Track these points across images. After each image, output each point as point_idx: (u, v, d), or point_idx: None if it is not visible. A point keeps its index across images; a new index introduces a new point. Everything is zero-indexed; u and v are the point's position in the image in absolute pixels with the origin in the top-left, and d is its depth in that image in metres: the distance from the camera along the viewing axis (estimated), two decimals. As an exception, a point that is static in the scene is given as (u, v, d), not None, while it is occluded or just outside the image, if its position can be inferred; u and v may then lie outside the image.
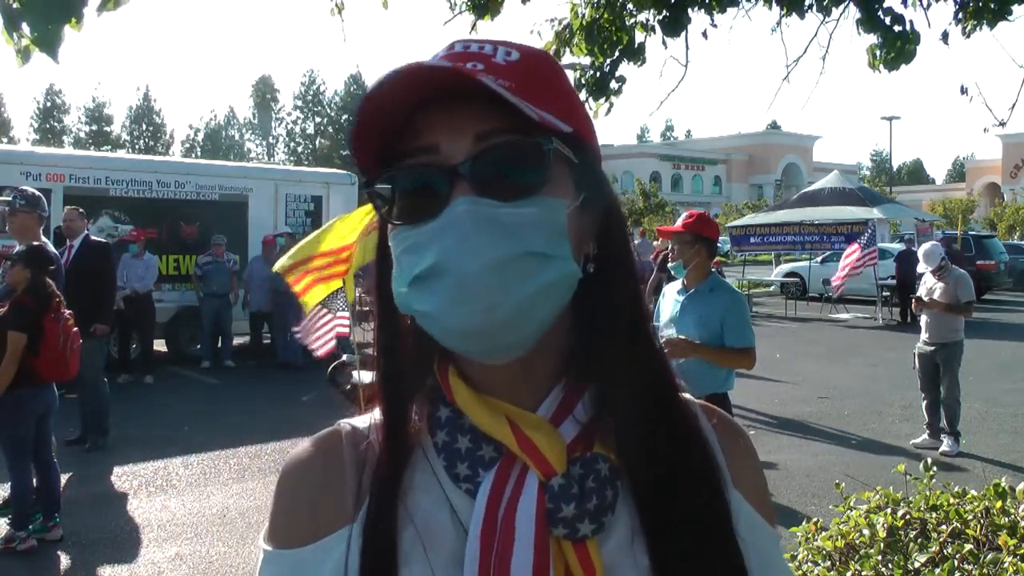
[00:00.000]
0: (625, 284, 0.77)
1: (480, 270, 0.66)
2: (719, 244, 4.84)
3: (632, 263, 0.78)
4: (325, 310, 6.38)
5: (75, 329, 5.25)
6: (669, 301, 4.57)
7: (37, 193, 5.75)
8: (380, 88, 0.67)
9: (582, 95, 3.81)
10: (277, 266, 6.47)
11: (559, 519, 0.70)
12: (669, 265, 4.64)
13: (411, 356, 0.77)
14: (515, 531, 0.70)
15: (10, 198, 5.60)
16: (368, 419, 0.81)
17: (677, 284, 4.54)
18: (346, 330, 6.99)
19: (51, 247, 5.70)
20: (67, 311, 5.22)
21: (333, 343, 6.35)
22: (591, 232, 0.75)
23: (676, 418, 0.78)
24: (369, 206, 5.52)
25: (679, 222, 4.65)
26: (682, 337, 4.23)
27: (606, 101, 3.88)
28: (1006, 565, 2.35)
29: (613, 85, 3.84)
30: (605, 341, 0.75)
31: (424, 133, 0.70)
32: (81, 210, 7.67)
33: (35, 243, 5.40)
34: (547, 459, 0.71)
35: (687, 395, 0.82)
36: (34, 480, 5.19)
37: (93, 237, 7.60)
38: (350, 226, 6.32)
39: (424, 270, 0.68)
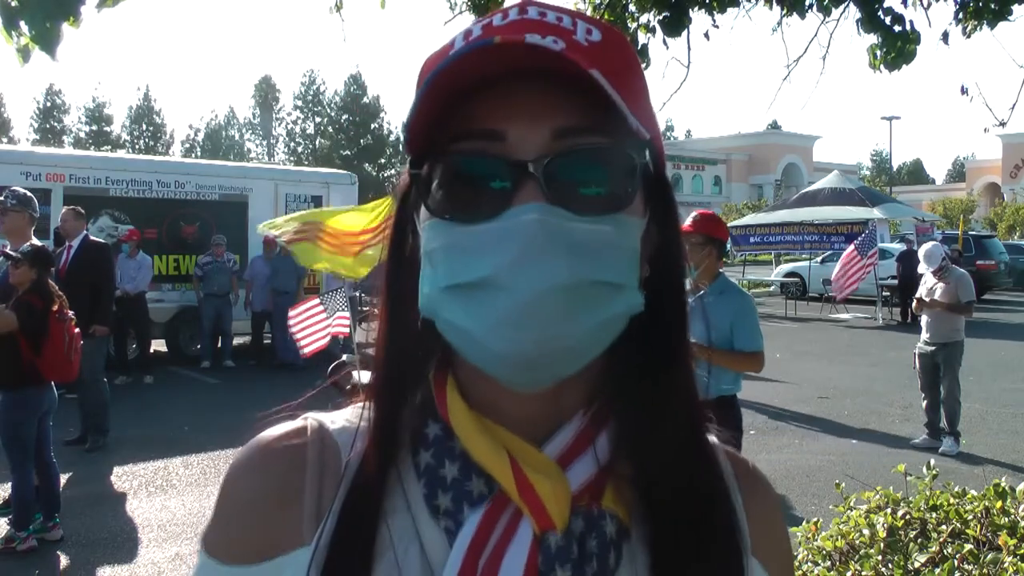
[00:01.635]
0: (675, 313, 0.67)
1: (544, 294, 0.56)
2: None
3: (684, 288, 0.68)
4: (321, 308, 6.35)
5: (77, 330, 5.26)
6: None
7: (28, 193, 5.74)
8: (459, 60, 0.56)
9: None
10: (265, 224, 6.32)
11: None
12: None
13: (412, 361, 0.67)
14: None
15: (2, 198, 5.59)
16: (339, 420, 0.70)
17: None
18: (346, 330, 6.99)
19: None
20: (70, 312, 5.22)
21: (323, 343, 6.32)
22: (647, 251, 0.65)
23: (704, 472, 0.68)
24: (380, 201, 5.39)
25: (687, 222, 4.52)
26: (693, 341, 4.18)
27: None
28: (1006, 565, 2.35)
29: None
30: (641, 373, 0.65)
31: (487, 115, 0.59)
32: (79, 209, 7.57)
33: (37, 243, 5.40)
34: (547, 511, 0.60)
35: (713, 438, 0.73)
36: (34, 480, 5.19)
37: (92, 237, 7.55)
38: (364, 216, 6.25)
39: (472, 280, 0.58)
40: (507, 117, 0.58)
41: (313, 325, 6.41)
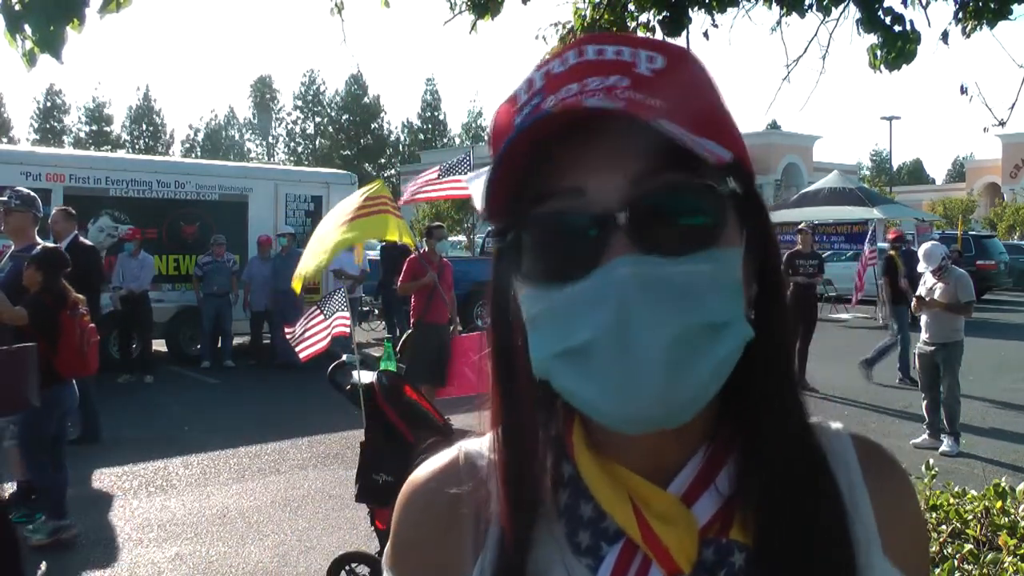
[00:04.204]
0: (780, 336, 0.65)
1: (651, 352, 0.54)
2: None
3: (786, 303, 0.67)
4: (318, 311, 6.34)
5: (92, 325, 5.27)
6: None
7: (32, 193, 5.75)
8: (531, 127, 0.56)
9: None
10: (295, 282, 6.37)
11: None
12: None
13: (533, 406, 0.67)
14: None
15: (5, 198, 5.59)
16: (483, 449, 0.72)
17: None
18: (346, 330, 6.98)
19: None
20: (83, 308, 5.25)
21: (322, 346, 6.30)
22: (751, 270, 0.63)
23: (826, 493, 0.66)
24: (364, 188, 5.26)
25: None
26: None
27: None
28: (1006, 565, 2.36)
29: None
30: (759, 401, 0.64)
31: (566, 172, 0.58)
32: (70, 210, 7.43)
33: (49, 245, 5.44)
34: (672, 556, 0.61)
35: (836, 426, 0.72)
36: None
37: (82, 239, 7.46)
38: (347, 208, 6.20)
39: (576, 345, 0.57)
40: (583, 171, 0.58)
41: (310, 331, 6.40)
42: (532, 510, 0.66)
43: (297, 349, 6.36)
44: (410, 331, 8.01)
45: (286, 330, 6.36)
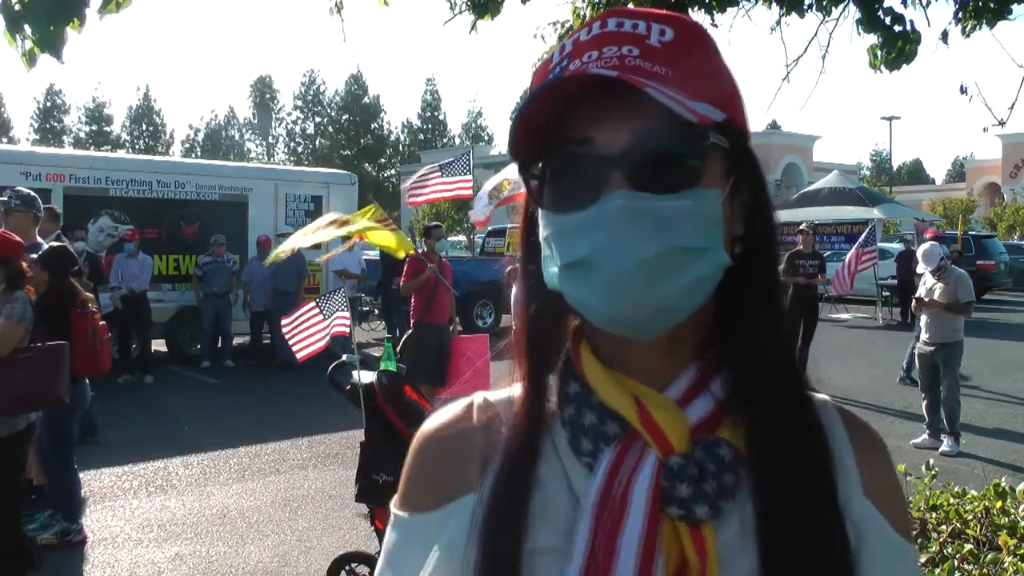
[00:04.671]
0: (769, 266, 0.77)
1: (633, 267, 0.67)
2: None
3: (776, 244, 0.78)
4: (317, 310, 6.32)
5: (102, 323, 5.27)
6: None
7: (32, 193, 5.75)
8: (544, 93, 0.69)
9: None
10: (272, 257, 6.37)
11: (674, 498, 0.70)
12: None
13: (552, 330, 0.80)
14: (628, 506, 0.70)
15: (5, 198, 5.59)
16: (501, 393, 0.83)
17: None
18: (346, 330, 6.98)
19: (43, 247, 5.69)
20: (93, 307, 5.25)
21: (320, 346, 6.28)
22: (740, 213, 0.75)
23: (807, 414, 0.77)
24: (364, 210, 5.48)
25: None
26: None
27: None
28: (1006, 565, 2.36)
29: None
30: (747, 323, 0.75)
31: (578, 125, 0.71)
32: (55, 210, 7.35)
33: (54, 244, 5.44)
34: (667, 437, 0.71)
35: (821, 397, 0.81)
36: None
37: (63, 241, 7.39)
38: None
39: (576, 260, 0.70)
40: (593, 125, 0.70)
41: (308, 329, 6.38)
42: (542, 418, 0.77)
43: (294, 348, 6.35)
44: (410, 331, 8.01)
45: (283, 322, 6.34)
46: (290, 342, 6.33)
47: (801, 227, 11.51)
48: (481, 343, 8.39)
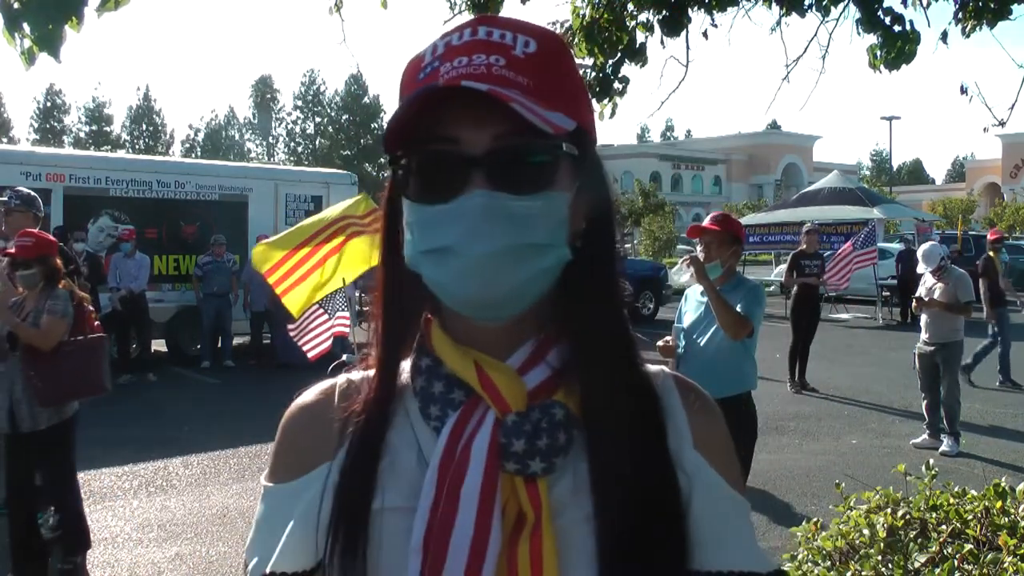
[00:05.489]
0: (605, 260, 0.84)
1: (486, 257, 0.74)
2: None
3: (613, 241, 0.85)
4: (321, 310, 6.35)
5: (97, 323, 5.26)
6: (692, 303, 4.57)
7: (32, 193, 5.74)
8: (421, 97, 0.74)
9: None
10: (254, 257, 6.49)
11: (511, 453, 0.76)
12: (707, 266, 4.36)
13: (406, 311, 0.86)
14: (469, 463, 0.76)
15: (5, 198, 5.59)
16: (362, 373, 0.89)
17: (698, 287, 4.47)
18: (346, 330, 6.99)
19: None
20: (89, 306, 5.23)
21: (327, 345, 6.31)
22: (582, 211, 0.82)
23: (636, 379, 0.84)
24: (350, 201, 5.70)
25: (707, 221, 4.59)
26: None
27: (609, 102, 3.87)
28: (1006, 565, 2.35)
29: (617, 86, 3.83)
30: (582, 305, 0.82)
31: (448, 124, 0.76)
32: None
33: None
34: (504, 398, 0.78)
35: (657, 368, 0.89)
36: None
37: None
38: (331, 217, 6.31)
39: (437, 247, 0.76)
40: (461, 125, 0.76)
41: (315, 329, 6.41)
42: (393, 390, 0.84)
43: (304, 348, 6.39)
44: None
45: (290, 327, 6.38)
46: (299, 342, 6.36)
47: (806, 227, 11.47)
48: None
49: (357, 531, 0.79)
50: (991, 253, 10.51)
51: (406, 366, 0.86)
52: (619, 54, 3.77)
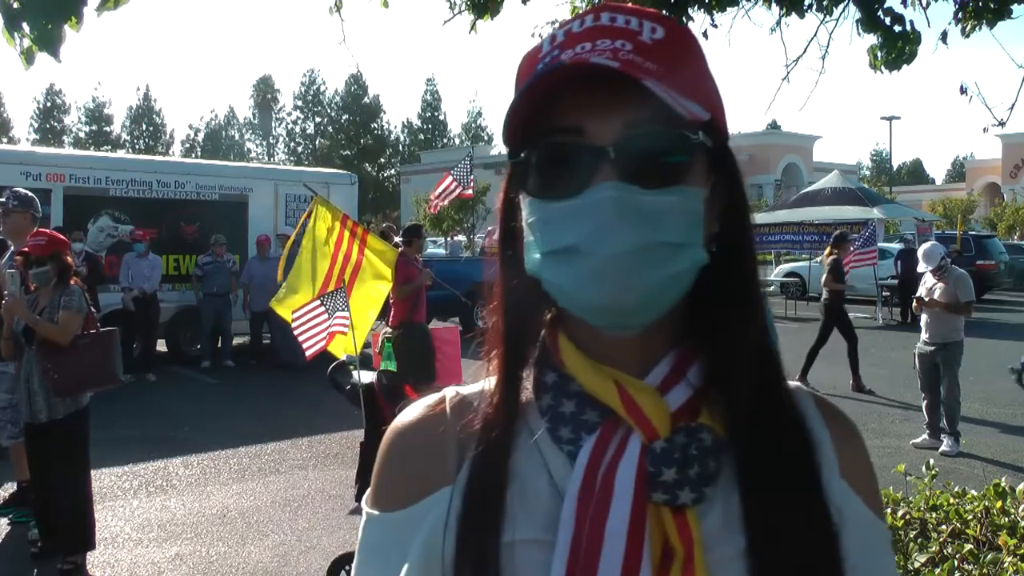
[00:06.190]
0: (744, 264, 0.77)
1: (616, 257, 0.67)
2: None
3: (752, 243, 0.79)
4: (322, 308, 6.34)
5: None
6: None
7: (30, 194, 5.74)
8: (546, 75, 0.69)
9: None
10: (273, 301, 6.66)
11: (659, 483, 0.69)
12: None
13: (529, 320, 0.79)
14: (613, 492, 0.69)
15: (3, 199, 5.59)
16: (475, 387, 0.82)
17: None
18: (345, 330, 6.97)
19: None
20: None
21: (323, 344, 6.30)
22: (717, 211, 0.75)
23: (783, 400, 0.77)
24: (322, 216, 5.72)
25: None
26: None
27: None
28: (1006, 565, 2.35)
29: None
30: (721, 315, 0.75)
31: (570, 113, 0.70)
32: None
33: None
34: (651, 422, 0.71)
35: (795, 384, 0.82)
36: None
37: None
38: (324, 249, 6.43)
39: (562, 247, 0.70)
40: (585, 114, 0.70)
41: (315, 327, 6.40)
42: (516, 409, 0.76)
43: (304, 346, 6.39)
44: (393, 331, 7.84)
45: (293, 319, 6.40)
46: (300, 339, 6.37)
47: (837, 233, 12.45)
48: (452, 333, 8.51)
49: (488, 566, 0.71)
50: None
51: (526, 374, 0.79)
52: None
